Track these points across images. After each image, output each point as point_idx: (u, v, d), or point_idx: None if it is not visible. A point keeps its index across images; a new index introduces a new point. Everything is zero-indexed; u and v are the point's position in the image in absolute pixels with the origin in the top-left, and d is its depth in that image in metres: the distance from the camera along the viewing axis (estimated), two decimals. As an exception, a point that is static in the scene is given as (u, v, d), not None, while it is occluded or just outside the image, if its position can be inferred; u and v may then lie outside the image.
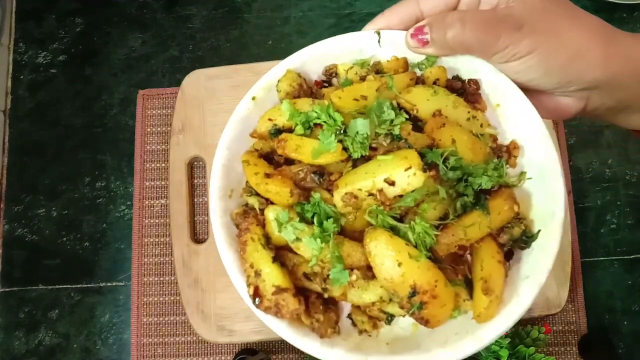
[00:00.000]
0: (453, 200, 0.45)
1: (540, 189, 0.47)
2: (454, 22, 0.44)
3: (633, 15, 1.03)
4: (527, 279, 0.44)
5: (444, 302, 0.42)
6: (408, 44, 0.47)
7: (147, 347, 0.93)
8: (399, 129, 0.46)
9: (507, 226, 0.46)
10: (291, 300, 0.43)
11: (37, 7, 1.09)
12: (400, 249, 0.42)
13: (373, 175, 0.43)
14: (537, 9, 0.43)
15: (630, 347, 0.91)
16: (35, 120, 1.04)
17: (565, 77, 0.44)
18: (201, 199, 0.97)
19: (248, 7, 1.08)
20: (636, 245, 0.94)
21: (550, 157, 0.46)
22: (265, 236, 0.46)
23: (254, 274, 0.45)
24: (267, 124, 0.50)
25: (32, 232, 0.99)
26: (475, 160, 0.46)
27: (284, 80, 0.51)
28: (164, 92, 1.02)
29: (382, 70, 0.52)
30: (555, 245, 0.45)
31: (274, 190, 0.46)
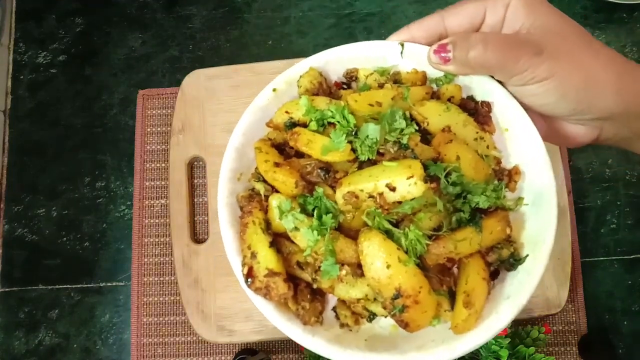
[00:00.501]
0: (449, 214, 0.47)
1: (534, 216, 0.49)
2: (477, 43, 0.45)
3: (633, 15, 1.03)
4: (509, 299, 0.46)
5: (425, 309, 0.44)
6: (430, 60, 0.49)
7: (147, 347, 0.93)
8: (408, 139, 0.48)
9: (497, 246, 0.48)
10: (281, 284, 0.46)
11: (37, 7, 1.09)
12: (391, 252, 0.44)
13: (376, 178, 0.45)
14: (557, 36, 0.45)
15: (630, 347, 0.91)
16: (35, 120, 1.04)
17: (579, 103, 0.46)
18: (201, 199, 0.97)
19: (248, 7, 1.08)
20: (636, 245, 0.94)
21: (549, 187, 0.48)
22: (266, 221, 0.49)
23: (250, 255, 0.47)
24: (283, 116, 0.52)
25: (32, 232, 0.99)
26: (476, 179, 0.47)
27: (306, 77, 0.53)
28: (164, 92, 1.02)
29: (400, 80, 0.53)
30: (540, 271, 0.46)
31: (281, 179, 0.48)
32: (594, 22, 1.03)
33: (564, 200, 0.89)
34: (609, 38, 1.02)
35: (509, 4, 0.47)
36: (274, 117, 0.53)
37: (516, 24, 0.47)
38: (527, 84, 0.46)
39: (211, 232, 0.92)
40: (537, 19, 0.46)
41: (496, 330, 0.45)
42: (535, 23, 0.46)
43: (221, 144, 0.94)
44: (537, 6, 0.47)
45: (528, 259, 0.47)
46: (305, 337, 0.47)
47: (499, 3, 0.47)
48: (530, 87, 0.46)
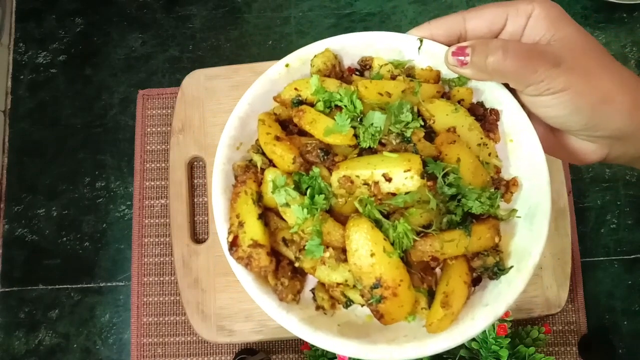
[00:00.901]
0: (441, 214, 0.47)
1: (525, 229, 0.48)
2: (496, 49, 0.45)
3: (633, 15, 1.03)
4: (486, 307, 0.46)
5: (402, 303, 0.44)
6: (447, 61, 0.49)
7: (147, 347, 0.93)
8: (412, 133, 0.48)
9: (483, 253, 0.48)
10: (264, 256, 0.46)
11: (37, 7, 1.09)
12: (377, 242, 0.44)
13: (374, 167, 0.45)
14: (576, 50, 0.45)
15: (630, 347, 0.91)
16: (35, 120, 1.04)
17: (592, 119, 0.46)
18: (201, 199, 0.97)
19: (248, 7, 1.08)
20: (636, 245, 0.94)
21: (545, 204, 0.47)
22: (258, 193, 0.49)
23: (237, 223, 0.47)
24: (292, 92, 0.52)
25: (32, 232, 0.99)
26: (473, 184, 0.47)
27: (320, 57, 0.53)
28: (164, 92, 1.02)
29: (414, 76, 0.53)
30: (522, 285, 0.46)
31: (279, 153, 0.48)
32: (594, 22, 1.03)
33: (564, 200, 0.89)
34: (609, 38, 1.02)
35: (531, 14, 0.47)
36: (282, 92, 0.53)
37: (536, 35, 0.47)
38: (542, 94, 0.46)
39: (211, 232, 0.92)
40: (557, 31, 0.46)
41: (469, 335, 0.45)
42: (556, 36, 0.46)
43: (221, 144, 0.94)
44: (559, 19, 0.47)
45: (512, 270, 0.47)
46: (279, 313, 0.47)
47: (522, 12, 0.47)
48: (545, 99, 0.46)
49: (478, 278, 0.49)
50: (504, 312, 0.45)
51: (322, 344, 0.46)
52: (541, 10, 0.47)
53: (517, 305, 0.85)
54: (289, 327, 0.47)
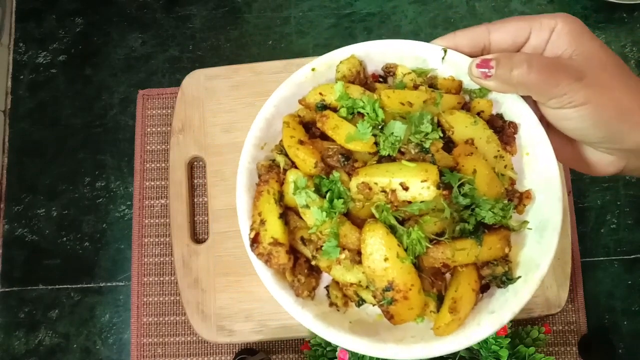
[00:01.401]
0: (454, 222, 0.48)
1: (535, 241, 0.50)
2: (521, 63, 0.46)
3: (633, 15, 1.03)
4: (492, 314, 0.48)
5: (412, 306, 0.46)
6: (471, 72, 0.49)
7: (147, 347, 0.93)
8: (430, 144, 0.49)
9: (492, 262, 0.49)
10: (283, 254, 0.49)
11: (37, 7, 1.09)
12: (391, 247, 0.46)
13: (392, 175, 0.47)
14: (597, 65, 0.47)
15: (630, 347, 0.91)
16: (35, 120, 1.04)
17: (611, 132, 0.47)
18: (201, 199, 0.97)
19: (248, 7, 1.08)
20: (636, 245, 0.94)
21: (556, 217, 0.49)
22: (280, 193, 0.51)
23: (259, 221, 0.50)
24: (316, 96, 0.54)
25: (32, 232, 1.00)
26: (487, 195, 0.48)
27: (346, 63, 0.54)
28: (164, 92, 1.02)
29: (436, 85, 0.54)
30: (528, 295, 0.48)
31: (302, 157, 0.50)
32: (594, 22, 1.03)
33: (564, 200, 0.88)
34: (609, 38, 1.03)
35: (554, 29, 0.48)
36: (307, 96, 0.54)
37: (559, 49, 0.48)
38: (564, 107, 0.47)
39: (211, 232, 0.92)
40: (579, 46, 0.47)
41: (474, 340, 0.47)
42: (578, 50, 0.47)
43: (221, 144, 0.94)
44: (581, 34, 0.48)
45: (519, 280, 0.48)
46: (295, 308, 0.49)
47: (545, 26, 0.48)
48: (566, 111, 0.47)
49: (486, 285, 0.51)
50: (509, 320, 0.47)
51: (334, 340, 0.48)
52: (564, 25, 0.48)
53: (517, 305, 0.86)
54: (304, 322, 0.49)
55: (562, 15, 0.49)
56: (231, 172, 0.93)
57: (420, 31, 1.05)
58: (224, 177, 0.93)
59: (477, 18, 1.05)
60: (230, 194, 0.93)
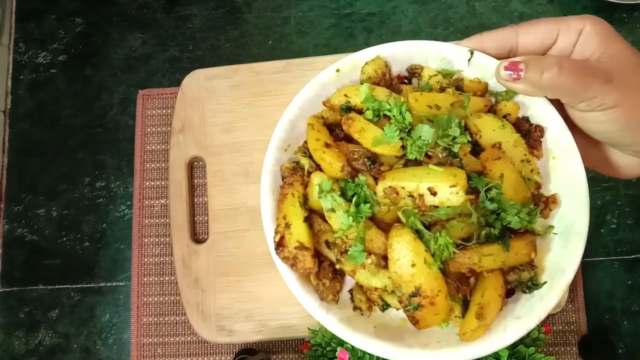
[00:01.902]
0: (481, 227, 0.48)
1: (561, 246, 0.49)
2: (552, 65, 0.45)
3: (633, 15, 1.03)
4: (518, 320, 0.47)
5: (438, 312, 0.46)
6: (498, 75, 0.48)
7: (147, 347, 0.93)
8: (458, 148, 0.48)
9: (518, 268, 0.49)
10: (309, 259, 0.48)
11: (37, 7, 1.09)
12: (419, 253, 0.45)
13: (419, 180, 0.46)
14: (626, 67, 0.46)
15: (630, 347, 0.91)
16: (35, 120, 1.04)
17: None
18: (201, 199, 0.97)
19: (248, 7, 1.08)
20: (636, 245, 0.94)
21: (582, 222, 0.49)
22: (304, 196, 0.50)
23: (284, 224, 0.49)
24: (341, 98, 0.53)
25: (32, 232, 0.99)
26: (514, 200, 0.47)
27: (371, 65, 0.53)
28: (164, 92, 1.02)
29: (462, 87, 0.53)
30: (554, 300, 0.47)
31: (328, 160, 0.49)
32: (594, 22, 1.03)
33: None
34: (609, 38, 1.02)
35: (582, 31, 0.48)
36: (332, 97, 0.53)
37: (587, 51, 0.48)
38: (594, 110, 0.46)
39: (211, 232, 0.92)
40: (608, 48, 0.47)
41: (500, 345, 0.46)
42: (606, 53, 0.47)
43: (221, 144, 0.94)
44: (609, 36, 0.47)
45: (545, 286, 0.48)
46: (319, 312, 0.49)
47: (573, 28, 0.48)
48: (596, 114, 0.46)
49: (512, 290, 0.50)
50: (535, 325, 0.47)
51: (360, 345, 0.48)
52: (592, 27, 0.47)
53: (517, 305, 0.85)
54: (329, 326, 0.49)
55: (590, 17, 0.48)
56: (231, 172, 0.93)
57: (420, 31, 1.05)
58: (224, 177, 0.93)
59: (477, 18, 1.05)
60: (230, 194, 0.93)
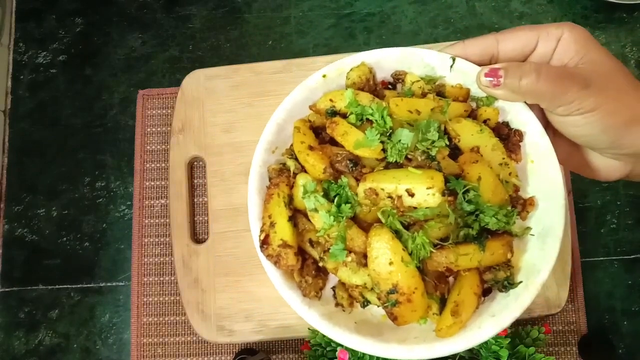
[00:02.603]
0: (458, 227, 0.49)
1: (537, 247, 0.51)
2: (530, 72, 0.47)
3: (633, 15, 1.03)
4: (493, 318, 0.49)
5: (415, 309, 0.48)
6: (479, 81, 0.50)
7: (147, 347, 0.93)
8: (436, 151, 0.50)
9: (495, 267, 0.51)
10: (291, 256, 0.50)
11: (37, 7, 1.09)
12: (396, 251, 0.47)
13: (398, 182, 0.48)
14: (603, 73, 0.48)
15: (630, 347, 0.91)
16: (35, 120, 1.04)
17: (619, 138, 0.48)
18: (201, 199, 0.97)
19: (248, 7, 1.08)
20: (636, 245, 0.94)
21: (558, 224, 0.50)
22: (290, 196, 0.52)
23: (269, 223, 0.52)
24: (327, 102, 0.55)
25: (32, 232, 1.00)
26: (491, 202, 0.49)
27: (356, 71, 0.56)
28: (164, 92, 1.02)
29: (444, 93, 0.55)
30: (529, 300, 0.49)
31: (311, 162, 0.51)
32: (594, 22, 1.03)
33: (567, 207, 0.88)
34: (609, 38, 1.03)
35: (561, 38, 0.49)
36: (318, 102, 0.56)
37: (565, 58, 0.49)
38: (572, 114, 0.47)
39: (211, 232, 0.92)
40: (586, 55, 0.48)
41: (475, 342, 0.48)
42: (584, 59, 0.48)
43: (221, 144, 0.94)
44: (587, 43, 0.49)
45: (521, 285, 0.50)
46: (302, 308, 0.51)
47: (552, 35, 0.49)
48: (574, 118, 0.48)
49: (488, 289, 0.52)
50: (509, 323, 0.48)
51: (340, 339, 0.50)
52: (570, 34, 0.49)
53: (517, 305, 0.86)
54: (310, 321, 0.51)
55: (569, 25, 0.50)
56: (231, 172, 0.93)
57: (420, 31, 1.05)
58: (223, 177, 0.93)
59: (477, 18, 1.05)
60: (230, 194, 0.93)
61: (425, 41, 1.03)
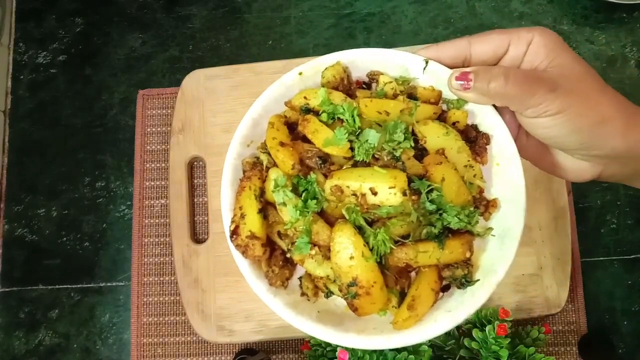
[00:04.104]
0: (421, 226, 0.51)
1: (497, 247, 0.52)
2: (498, 75, 0.49)
3: (633, 15, 1.03)
4: (449, 313, 0.51)
5: (374, 301, 0.50)
6: (450, 84, 0.52)
7: (147, 347, 0.93)
8: (401, 152, 0.52)
9: (453, 265, 0.52)
10: (258, 247, 0.52)
11: (37, 7, 1.09)
12: (357, 247, 0.49)
13: (363, 180, 0.50)
14: (572, 76, 0.49)
15: (630, 347, 0.91)
16: (35, 120, 1.04)
17: (588, 139, 0.49)
18: (201, 199, 0.97)
19: (248, 7, 1.08)
20: (636, 245, 0.94)
21: (518, 226, 0.52)
22: (261, 189, 0.54)
23: (240, 215, 0.53)
24: (301, 100, 0.57)
25: (32, 232, 1.00)
26: (454, 202, 0.51)
27: (330, 70, 0.57)
28: (164, 92, 1.02)
29: (415, 94, 0.57)
30: (484, 298, 0.51)
31: (281, 158, 0.53)
32: (594, 22, 1.03)
33: (564, 200, 0.89)
34: (609, 38, 1.03)
35: (531, 42, 0.51)
36: (293, 99, 0.57)
37: (535, 61, 0.51)
38: (540, 116, 0.49)
39: (211, 232, 0.92)
40: (555, 58, 0.50)
41: (430, 335, 0.51)
42: (553, 62, 0.50)
43: (221, 144, 0.94)
44: (557, 47, 0.50)
45: (477, 283, 0.52)
46: (267, 296, 0.53)
47: (523, 39, 0.51)
48: (543, 120, 0.49)
49: (447, 285, 0.54)
50: (463, 320, 0.50)
51: (302, 327, 0.52)
52: (540, 39, 0.50)
53: (517, 305, 0.85)
54: (275, 309, 0.53)
55: (539, 29, 0.51)
56: (231, 172, 0.93)
57: (420, 31, 1.05)
58: (224, 177, 0.93)
59: (477, 18, 1.05)
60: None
61: (425, 41, 1.03)
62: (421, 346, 0.74)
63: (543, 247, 0.87)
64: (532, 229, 0.88)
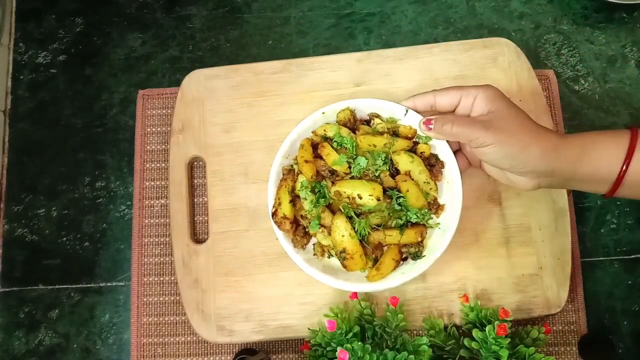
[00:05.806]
0: (391, 219, 0.78)
1: (440, 236, 0.79)
2: (448, 121, 0.72)
3: (633, 15, 1.03)
4: (403, 274, 0.78)
5: (356, 263, 0.77)
6: (419, 126, 0.77)
7: (147, 347, 0.93)
8: (380, 172, 0.79)
9: (409, 245, 0.78)
10: (288, 224, 0.80)
11: (37, 7, 1.09)
12: (347, 229, 0.76)
13: (354, 189, 0.76)
14: (502, 118, 0.70)
15: (630, 347, 0.91)
16: (35, 120, 1.04)
17: (515, 162, 0.70)
18: (201, 199, 0.97)
19: (248, 7, 1.08)
20: (636, 245, 0.94)
21: (454, 224, 0.78)
22: (293, 187, 0.81)
23: (278, 202, 0.80)
24: (322, 131, 0.83)
25: (32, 232, 1.00)
26: (415, 205, 0.77)
27: (342, 113, 0.84)
28: (164, 92, 1.02)
29: (398, 131, 0.82)
30: (427, 266, 0.77)
31: (304, 170, 0.79)
32: (594, 22, 1.03)
33: (564, 200, 0.89)
34: (609, 38, 1.03)
35: (477, 96, 0.72)
36: (317, 129, 0.84)
37: (479, 109, 0.72)
38: (479, 147, 0.70)
39: (211, 232, 0.92)
40: (492, 107, 0.71)
41: (389, 285, 0.77)
42: (492, 109, 0.71)
43: (221, 144, 0.94)
44: (495, 98, 0.71)
45: (424, 257, 0.78)
46: (292, 253, 0.80)
47: (471, 95, 0.73)
48: (483, 149, 0.70)
49: (406, 257, 0.80)
50: (411, 278, 0.77)
51: (309, 272, 0.79)
52: (483, 94, 0.72)
53: (517, 305, 0.85)
54: (296, 261, 0.79)
55: (484, 86, 0.72)
56: (231, 172, 0.93)
57: (420, 31, 1.05)
58: (223, 177, 0.93)
59: (477, 18, 1.05)
60: (230, 193, 0.93)
61: (425, 41, 1.03)
62: (421, 346, 0.75)
63: (543, 247, 0.87)
64: (532, 229, 0.88)
